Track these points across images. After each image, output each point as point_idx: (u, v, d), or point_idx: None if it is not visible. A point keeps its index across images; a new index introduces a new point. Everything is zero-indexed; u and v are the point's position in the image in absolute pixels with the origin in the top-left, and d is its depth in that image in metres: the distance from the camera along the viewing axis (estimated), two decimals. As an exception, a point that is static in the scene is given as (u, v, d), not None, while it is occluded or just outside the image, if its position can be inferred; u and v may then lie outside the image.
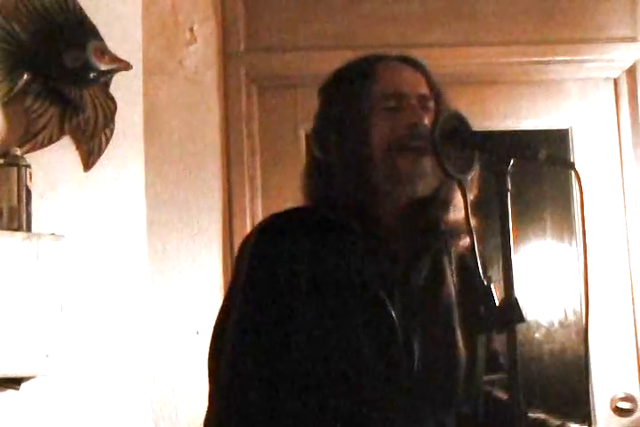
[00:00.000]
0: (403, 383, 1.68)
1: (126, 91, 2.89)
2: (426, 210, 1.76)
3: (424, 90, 1.78)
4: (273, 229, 1.77)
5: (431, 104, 1.77)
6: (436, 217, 1.76)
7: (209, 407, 1.73)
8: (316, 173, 1.80)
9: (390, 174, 1.72)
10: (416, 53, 1.82)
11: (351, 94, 1.76)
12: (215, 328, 1.77)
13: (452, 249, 1.80)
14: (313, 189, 1.80)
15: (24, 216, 2.56)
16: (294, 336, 1.67)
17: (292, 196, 1.89)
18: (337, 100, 1.79)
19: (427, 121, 1.73)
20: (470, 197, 1.66)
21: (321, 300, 1.68)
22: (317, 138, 1.80)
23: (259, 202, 3.13)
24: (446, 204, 1.75)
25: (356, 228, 1.71)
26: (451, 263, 1.80)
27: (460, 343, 1.75)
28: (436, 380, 1.72)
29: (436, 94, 1.78)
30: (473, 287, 1.74)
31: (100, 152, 2.81)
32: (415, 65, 1.81)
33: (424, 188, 1.73)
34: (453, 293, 1.78)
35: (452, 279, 1.79)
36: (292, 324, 1.67)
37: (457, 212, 1.75)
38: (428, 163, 1.70)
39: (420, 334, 1.72)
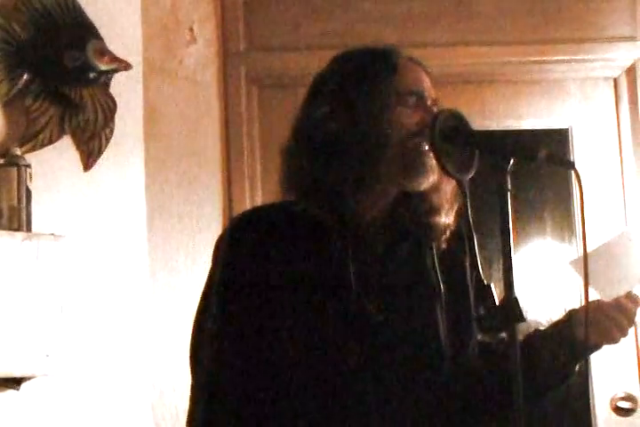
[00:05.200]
0: (384, 378, 1.68)
1: (126, 91, 2.89)
2: (411, 208, 1.75)
3: (435, 94, 1.77)
4: (246, 227, 1.76)
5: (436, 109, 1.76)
6: (421, 215, 1.75)
7: (191, 403, 1.73)
8: (301, 165, 1.73)
9: (401, 166, 1.69)
10: (416, 53, 1.82)
11: (375, 87, 1.71)
12: (194, 327, 1.77)
13: (434, 244, 1.77)
14: (296, 182, 1.74)
15: (24, 216, 2.56)
16: (270, 336, 1.67)
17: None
18: (357, 89, 1.72)
19: None
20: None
21: (295, 298, 1.67)
22: (321, 125, 1.72)
23: (259, 201, 3.13)
24: (435, 205, 1.75)
25: (332, 224, 1.69)
26: (433, 260, 1.77)
27: (444, 336, 1.74)
28: (419, 373, 1.71)
29: (437, 102, 1.78)
30: (462, 284, 1.76)
31: (99, 152, 2.81)
32: (425, 68, 1.79)
33: (426, 183, 1.71)
34: (438, 286, 1.76)
35: (435, 276, 1.76)
36: (268, 323, 1.67)
37: (445, 216, 1.75)
38: (433, 162, 1.69)
39: (400, 329, 1.71)
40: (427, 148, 1.68)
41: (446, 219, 1.76)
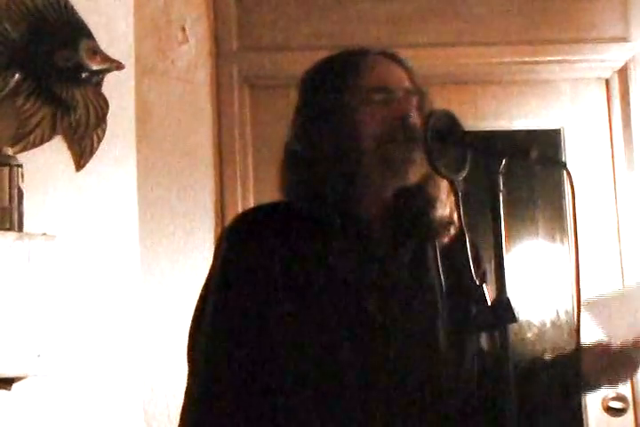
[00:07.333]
0: (381, 380, 1.67)
1: (118, 90, 2.89)
2: (410, 203, 1.75)
3: (408, 84, 1.77)
4: (246, 224, 1.77)
5: (415, 99, 1.76)
6: (421, 210, 1.75)
7: (186, 397, 1.73)
8: (295, 167, 1.77)
9: (381, 163, 1.70)
10: (408, 53, 1.82)
11: (337, 87, 1.74)
12: (193, 319, 1.77)
13: (437, 243, 1.78)
14: (292, 184, 1.78)
15: (16, 216, 2.55)
16: (265, 333, 1.67)
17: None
18: (322, 92, 1.76)
19: (414, 113, 1.72)
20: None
21: (294, 296, 1.67)
22: (299, 130, 1.77)
23: (251, 202, 3.13)
24: (432, 198, 1.75)
25: (334, 223, 1.70)
26: (436, 257, 1.77)
27: (442, 339, 1.73)
28: (416, 376, 1.71)
29: (419, 91, 1.78)
30: (462, 285, 1.74)
31: (91, 152, 2.80)
32: (398, 61, 1.80)
33: (413, 175, 1.72)
34: (438, 288, 1.76)
35: (437, 274, 1.76)
36: (265, 321, 1.67)
37: (443, 208, 1.75)
38: (417, 152, 1.68)
39: (399, 329, 1.70)
40: (406, 141, 1.69)
41: (444, 211, 1.75)
